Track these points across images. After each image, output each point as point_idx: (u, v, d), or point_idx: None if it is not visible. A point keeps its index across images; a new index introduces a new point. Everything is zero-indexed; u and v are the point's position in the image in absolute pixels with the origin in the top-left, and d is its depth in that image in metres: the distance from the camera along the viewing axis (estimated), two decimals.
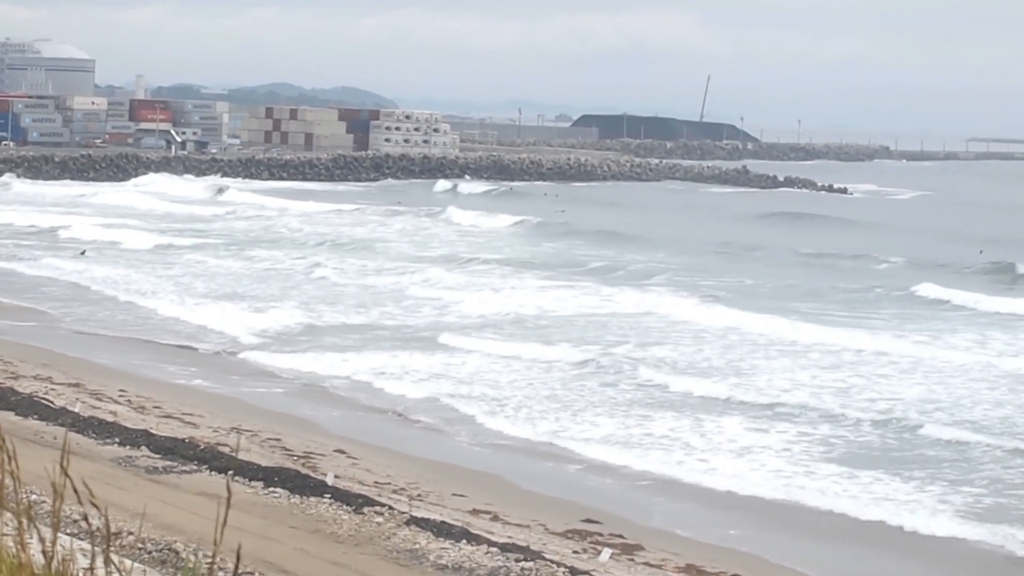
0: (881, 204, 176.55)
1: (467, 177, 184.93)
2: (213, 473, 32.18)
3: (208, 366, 52.48)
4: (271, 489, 30.96)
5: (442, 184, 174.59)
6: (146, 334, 58.91)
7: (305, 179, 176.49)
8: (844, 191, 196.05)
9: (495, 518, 32.19)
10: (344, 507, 29.49)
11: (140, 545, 22.40)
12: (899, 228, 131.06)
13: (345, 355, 54.43)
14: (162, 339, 57.85)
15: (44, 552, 5.84)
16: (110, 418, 38.28)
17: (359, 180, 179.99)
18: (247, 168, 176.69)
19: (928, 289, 78.03)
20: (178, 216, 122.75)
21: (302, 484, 31.43)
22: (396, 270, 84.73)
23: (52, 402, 39.89)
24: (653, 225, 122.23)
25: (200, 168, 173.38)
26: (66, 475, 5.75)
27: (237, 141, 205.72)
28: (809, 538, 33.77)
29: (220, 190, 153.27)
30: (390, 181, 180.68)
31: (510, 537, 29.31)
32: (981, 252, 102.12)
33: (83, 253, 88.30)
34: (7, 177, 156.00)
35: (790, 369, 54.21)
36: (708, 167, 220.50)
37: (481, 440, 42.29)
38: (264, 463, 33.77)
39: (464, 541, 27.64)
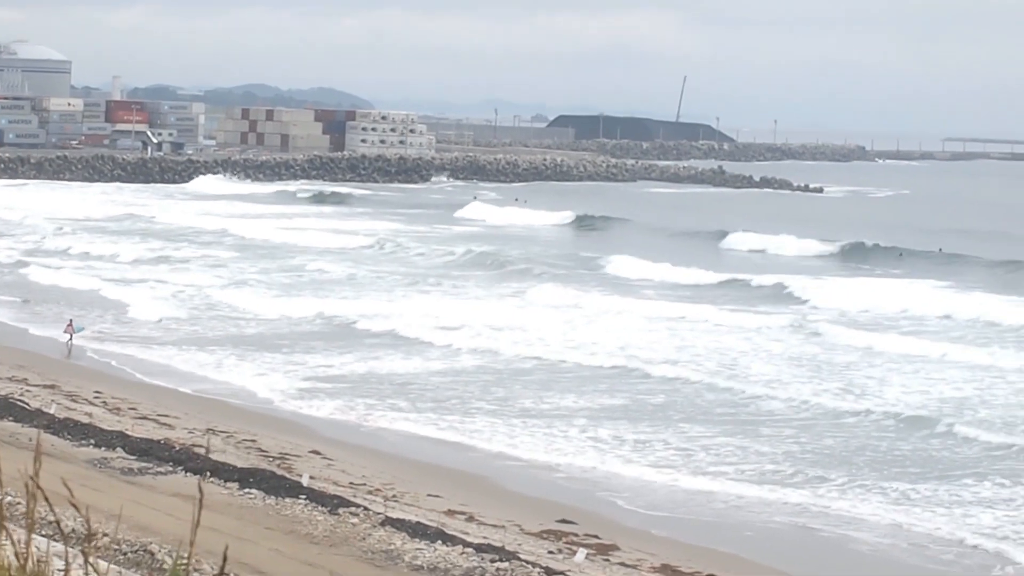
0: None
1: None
2: (188, 474, 32.18)
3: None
4: (246, 490, 30.98)
5: None
6: None
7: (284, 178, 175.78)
8: (820, 191, 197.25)
9: (470, 518, 32.26)
10: (319, 508, 29.53)
11: (115, 546, 22.43)
12: None
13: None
14: None
15: (16, 554, 5.89)
16: (86, 420, 38.25)
17: (335, 180, 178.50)
18: (224, 168, 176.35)
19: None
20: None
21: (277, 485, 31.46)
22: None
23: (28, 404, 39.85)
24: None
25: (176, 169, 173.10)
26: (34, 475, 5.82)
27: (213, 142, 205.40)
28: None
29: None
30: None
31: (485, 537, 29.39)
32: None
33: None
34: None
35: None
36: (684, 167, 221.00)
37: None
38: (239, 464, 33.80)
39: (439, 542, 27.70)
